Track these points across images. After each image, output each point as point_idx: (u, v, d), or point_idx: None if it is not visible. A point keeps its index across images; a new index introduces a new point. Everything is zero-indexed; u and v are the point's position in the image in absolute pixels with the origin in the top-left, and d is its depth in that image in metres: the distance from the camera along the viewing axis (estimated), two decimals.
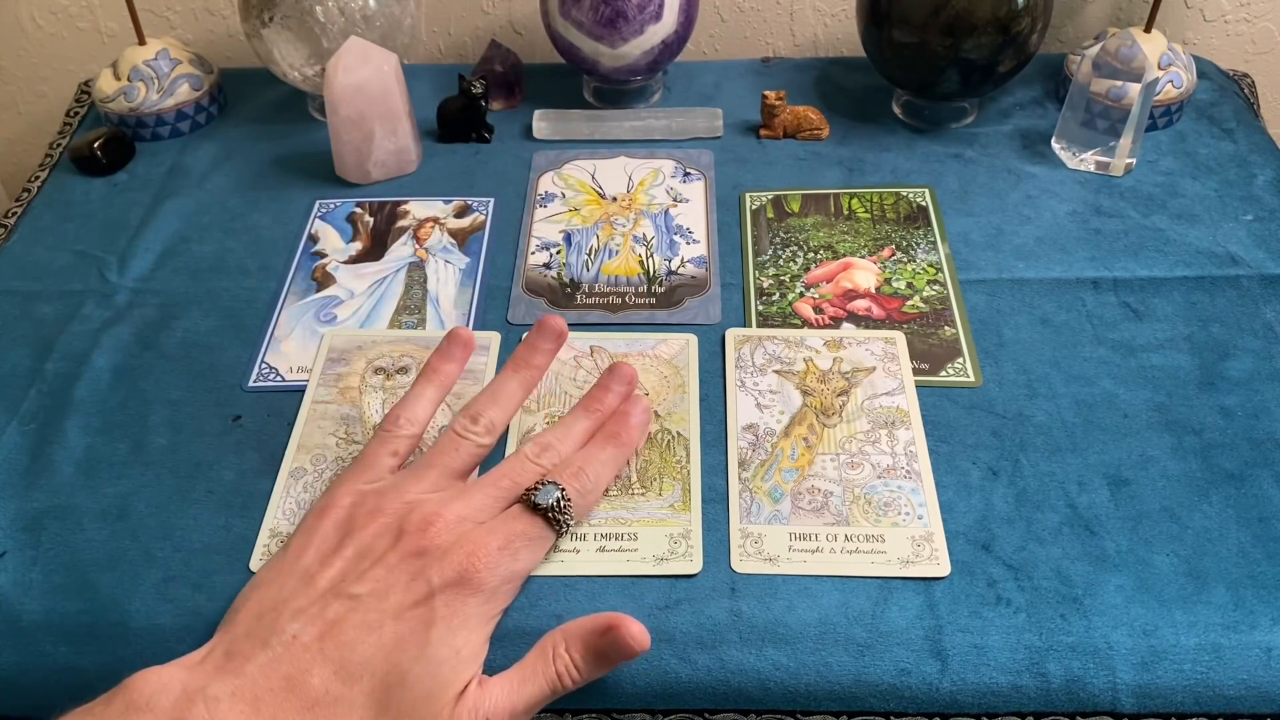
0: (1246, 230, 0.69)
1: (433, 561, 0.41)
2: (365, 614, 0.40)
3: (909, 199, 0.73)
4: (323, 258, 0.70)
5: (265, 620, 0.41)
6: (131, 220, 0.73)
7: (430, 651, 0.40)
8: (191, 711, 0.37)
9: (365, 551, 0.42)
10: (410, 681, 0.39)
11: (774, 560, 0.51)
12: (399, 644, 0.40)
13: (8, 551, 0.52)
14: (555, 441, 0.47)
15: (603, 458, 0.47)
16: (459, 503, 0.43)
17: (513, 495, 0.44)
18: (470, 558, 0.41)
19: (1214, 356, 0.61)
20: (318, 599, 0.41)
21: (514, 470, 0.45)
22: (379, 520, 0.43)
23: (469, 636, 0.41)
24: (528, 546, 0.43)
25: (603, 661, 0.43)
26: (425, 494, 0.44)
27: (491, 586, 0.42)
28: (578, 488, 0.45)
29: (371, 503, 0.44)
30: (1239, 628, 0.48)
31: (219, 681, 0.38)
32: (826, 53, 0.95)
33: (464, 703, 0.40)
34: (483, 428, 0.47)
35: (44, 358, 0.63)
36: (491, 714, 0.40)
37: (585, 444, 0.49)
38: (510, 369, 0.49)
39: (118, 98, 0.79)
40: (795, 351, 0.61)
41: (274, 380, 0.61)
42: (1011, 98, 0.83)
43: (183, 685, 0.38)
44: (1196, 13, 0.91)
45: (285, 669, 0.38)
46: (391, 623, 0.40)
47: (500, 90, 0.83)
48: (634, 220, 0.72)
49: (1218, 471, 0.55)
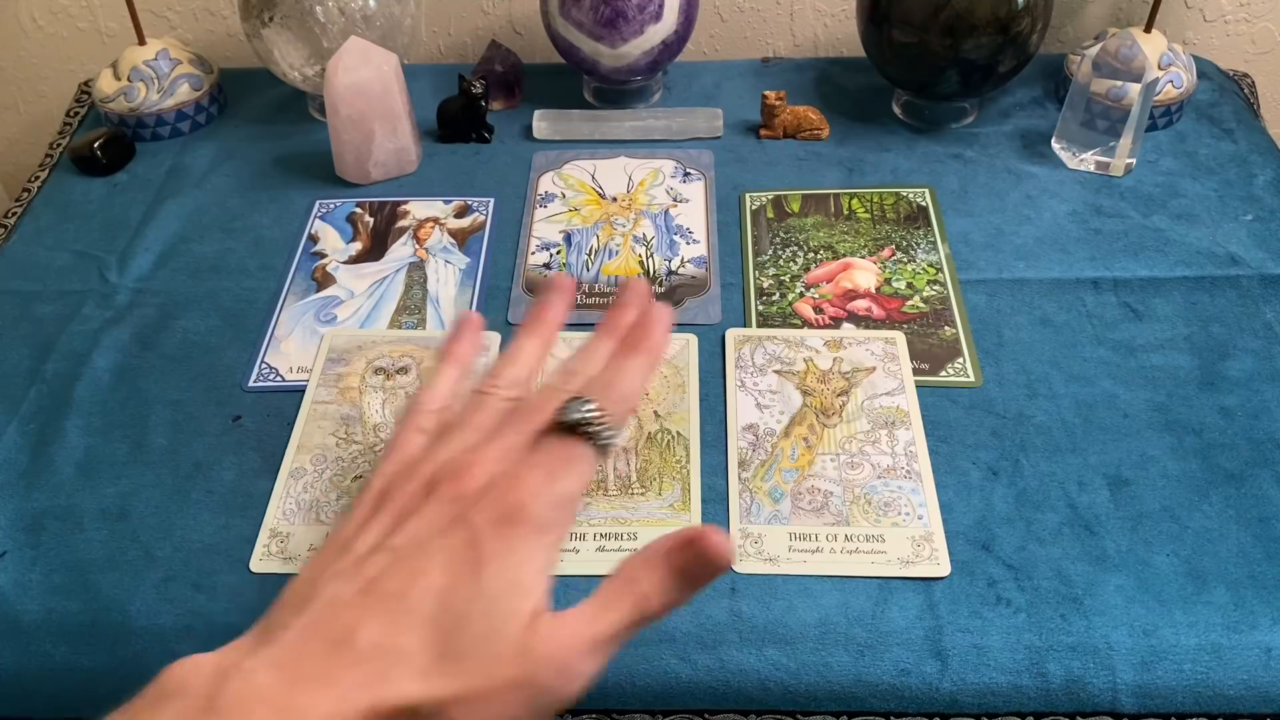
0: (1246, 230, 0.69)
1: (470, 504, 0.39)
2: (408, 563, 0.38)
3: (909, 199, 0.73)
4: (323, 258, 0.70)
5: (302, 591, 0.38)
6: (131, 220, 0.73)
7: (484, 588, 0.37)
8: (226, 687, 0.35)
9: (401, 512, 0.40)
10: (467, 622, 0.37)
11: (774, 560, 0.51)
12: (448, 587, 0.37)
13: (8, 551, 0.52)
14: (579, 367, 0.44)
15: (630, 366, 0.44)
16: (489, 447, 0.41)
17: (537, 428, 0.41)
18: (508, 491, 0.39)
19: (1214, 356, 0.61)
20: (355, 561, 0.38)
21: (540, 402, 0.42)
22: (413, 483, 0.41)
23: (524, 569, 0.38)
24: (567, 468, 0.40)
25: (689, 581, 0.39)
26: (456, 450, 0.42)
27: (539, 515, 0.39)
28: (608, 398, 0.42)
29: (405, 472, 0.42)
30: (1239, 628, 0.48)
31: (254, 654, 0.36)
32: (826, 53, 0.95)
33: (533, 635, 0.37)
34: (506, 382, 0.44)
35: (44, 358, 0.63)
36: (568, 643, 0.37)
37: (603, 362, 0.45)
38: (523, 330, 0.47)
39: (118, 98, 0.79)
40: (795, 351, 0.61)
41: (274, 380, 0.61)
42: (1011, 98, 0.83)
43: (215, 665, 0.36)
44: (1196, 13, 0.91)
45: (327, 630, 0.36)
46: (438, 568, 0.37)
47: (500, 90, 0.83)
48: (634, 220, 0.72)
49: (1218, 471, 0.55)
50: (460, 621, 0.37)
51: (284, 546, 0.52)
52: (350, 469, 0.56)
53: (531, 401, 0.42)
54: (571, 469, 0.40)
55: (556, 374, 0.44)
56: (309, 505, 0.54)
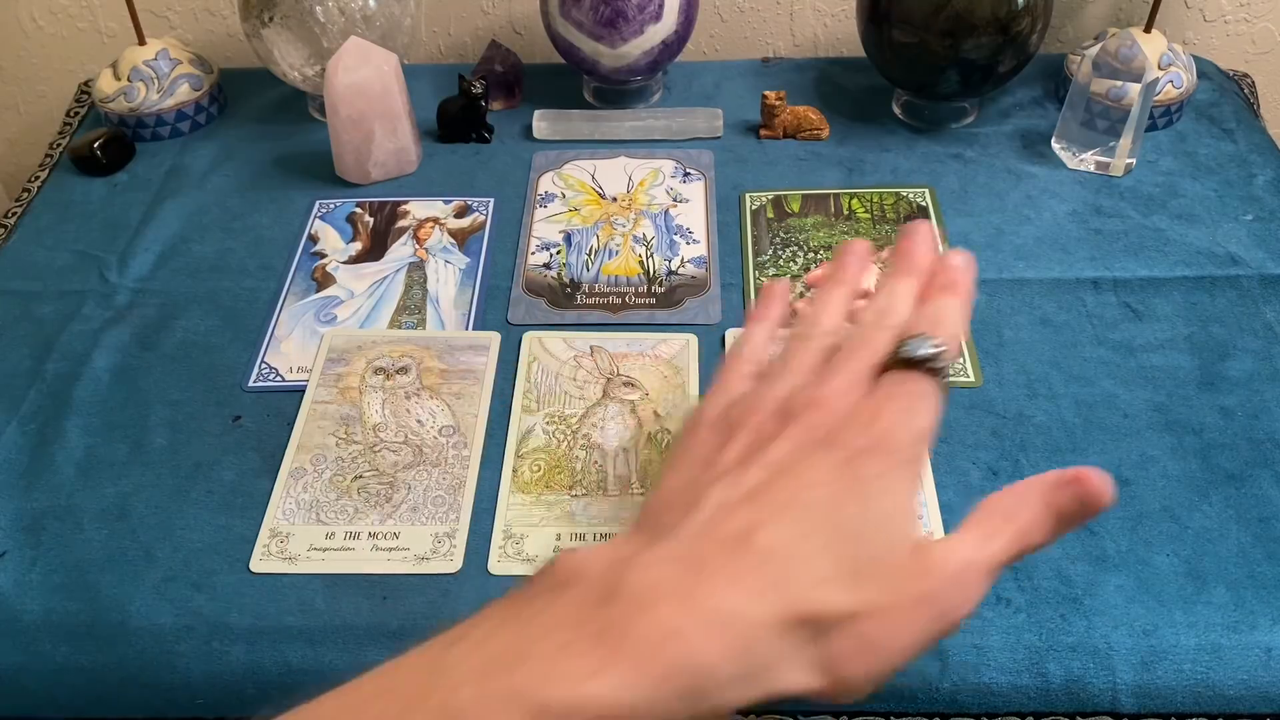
0: (1246, 230, 0.69)
1: (836, 432, 0.38)
2: (790, 478, 0.37)
3: (909, 199, 0.73)
4: (323, 258, 0.70)
5: (684, 493, 0.37)
6: (131, 220, 0.73)
7: (873, 505, 0.36)
8: (626, 576, 0.34)
9: (758, 436, 0.39)
10: (863, 539, 0.36)
11: None
12: (837, 501, 0.36)
13: (8, 551, 0.52)
14: (891, 306, 0.43)
15: (951, 305, 0.43)
16: (830, 384, 0.40)
17: (875, 363, 0.41)
18: (873, 422, 0.38)
19: (1214, 356, 0.61)
20: (730, 472, 0.38)
21: (867, 341, 0.41)
22: (758, 413, 0.40)
23: (903, 496, 0.37)
24: (922, 402, 0.39)
25: (1065, 520, 0.38)
26: (791, 386, 0.41)
27: (905, 447, 0.38)
28: (945, 335, 0.41)
29: (740, 404, 0.41)
30: (1239, 628, 0.48)
31: (650, 550, 0.35)
32: (826, 53, 0.95)
33: (928, 556, 0.36)
34: (820, 327, 0.44)
35: (44, 358, 0.63)
36: (963, 565, 0.36)
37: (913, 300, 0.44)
38: (827, 282, 0.47)
39: (118, 98, 0.79)
40: None
41: (274, 380, 0.61)
42: (1011, 98, 0.83)
43: (609, 557, 0.35)
44: (1196, 13, 0.91)
45: (724, 530, 0.35)
46: (821, 485, 0.36)
47: (500, 90, 0.83)
48: (634, 220, 0.72)
49: (1218, 471, 0.55)
50: (855, 537, 0.36)
51: (284, 546, 0.52)
52: (350, 469, 0.56)
53: (862, 337, 0.42)
54: (923, 404, 0.39)
55: (870, 313, 0.43)
56: (309, 505, 0.54)
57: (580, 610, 0.33)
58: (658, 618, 0.33)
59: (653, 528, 0.37)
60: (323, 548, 0.52)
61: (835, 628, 0.34)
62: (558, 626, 0.33)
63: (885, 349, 0.41)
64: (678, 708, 0.32)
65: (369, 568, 0.51)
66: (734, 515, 0.36)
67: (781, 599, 0.34)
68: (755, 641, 0.33)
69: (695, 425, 0.41)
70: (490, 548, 0.52)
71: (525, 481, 0.55)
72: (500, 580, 0.50)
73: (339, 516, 0.53)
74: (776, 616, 0.33)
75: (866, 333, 0.42)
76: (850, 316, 0.45)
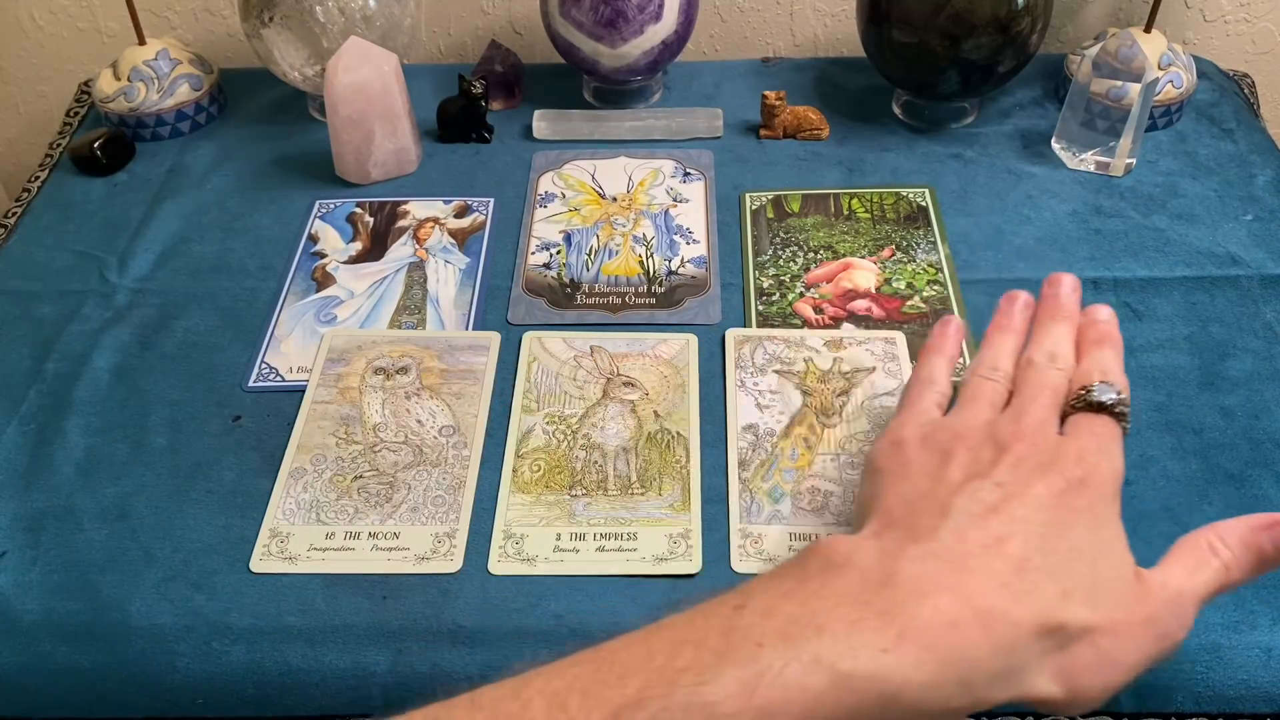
0: (1246, 230, 0.69)
1: (1049, 465, 0.41)
2: (1019, 500, 0.40)
3: (909, 199, 0.73)
4: (323, 258, 0.70)
5: (927, 501, 0.40)
6: (131, 220, 0.73)
7: (1095, 535, 0.39)
8: (901, 567, 0.37)
9: (974, 459, 0.42)
10: (1092, 561, 0.39)
11: (774, 560, 0.51)
12: (1067, 525, 0.39)
13: (8, 551, 0.52)
14: (1057, 349, 0.48)
15: (1113, 357, 0.47)
16: (1026, 418, 0.44)
17: (1058, 402, 0.45)
18: (1080, 459, 0.41)
19: (1214, 356, 0.61)
20: (963, 486, 0.41)
21: (1046, 382, 0.46)
22: (966, 439, 0.43)
23: (1117, 527, 0.41)
24: (1112, 444, 0.43)
25: (1265, 562, 0.41)
26: (985, 419, 0.45)
27: (1108, 482, 0.41)
28: (1120, 384, 0.45)
29: (944, 429, 0.44)
30: (1239, 628, 0.48)
31: (914, 545, 0.38)
32: (826, 53, 0.95)
33: (1148, 583, 0.39)
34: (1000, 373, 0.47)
35: (44, 358, 0.63)
36: (1179, 593, 0.39)
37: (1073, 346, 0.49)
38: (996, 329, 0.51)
39: (118, 98, 0.79)
40: (795, 352, 0.61)
41: (274, 380, 0.61)
42: (1011, 98, 0.83)
43: (876, 548, 0.38)
44: (1196, 13, 0.91)
45: (976, 536, 0.38)
46: (1048, 509, 0.39)
47: (500, 90, 0.83)
48: (634, 220, 0.72)
49: (1218, 471, 0.55)
50: (1088, 559, 0.38)
51: (284, 546, 0.52)
52: (350, 469, 0.56)
53: (1041, 378, 0.46)
54: (1115, 445, 0.43)
55: (1040, 354, 0.47)
56: (309, 505, 0.54)
57: (863, 590, 0.36)
58: (938, 606, 0.36)
59: (906, 528, 0.40)
60: (323, 548, 0.52)
61: (1076, 639, 0.37)
62: (843, 602, 0.36)
63: (1062, 393, 0.45)
64: (952, 694, 0.35)
65: (369, 568, 0.51)
66: (983, 524, 0.39)
67: (1036, 605, 0.36)
68: (1016, 642, 0.36)
69: (899, 443, 0.45)
70: (490, 548, 0.52)
71: (525, 481, 0.55)
72: (500, 580, 0.51)
73: (339, 516, 0.53)
74: (1034, 621, 0.36)
75: (1043, 374, 0.46)
76: None
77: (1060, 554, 0.38)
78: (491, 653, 0.48)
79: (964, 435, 0.43)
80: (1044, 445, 0.42)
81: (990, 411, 0.45)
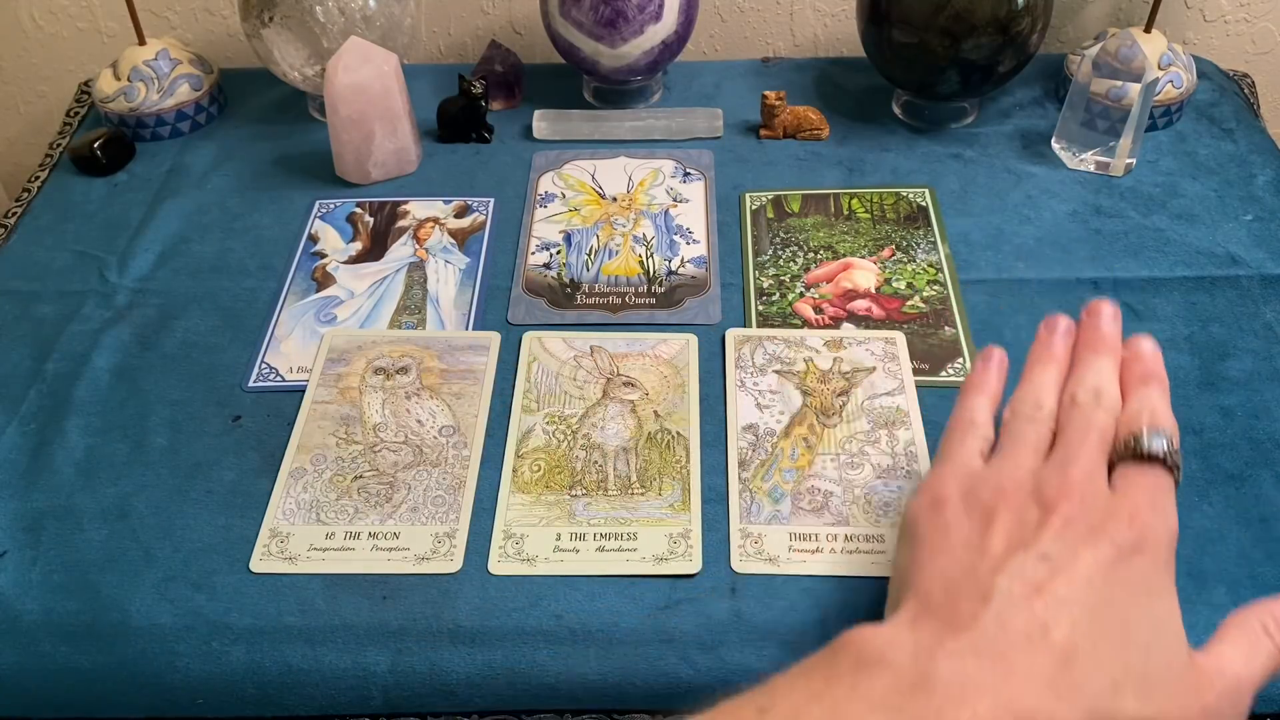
0: (1246, 230, 0.69)
1: (1099, 527, 0.39)
2: (1068, 574, 0.37)
3: (909, 199, 0.73)
4: (323, 258, 0.70)
5: (965, 583, 0.38)
6: (131, 220, 0.73)
7: (1151, 609, 0.37)
8: (936, 665, 0.35)
9: (1019, 522, 0.40)
10: (1148, 644, 0.37)
11: (774, 560, 0.51)
12: (1119, 603, 0.37)
13: (8, 551, 0.52)
14: (1102, 385, 0.45)
15: (1161, 397, 0.45)
16: (1073, 469, 0.41)
17: (1106, 448, 0.42)
18: (1133, 520, 0.39)
19: (1214, 356, 0.61)
20: (1006, 560, 0.38)
21: (1094, 425, 0.43)
22: (1009, 496, 0.41)
23: (1172, 598, 0.39)
24: (1166, 498, 0.41)
25: None
26: (1030, 469, 0.42)
27: (1163, 546, 0.39)
28: (1168, 427, 0.43)
29: (985, 484, 0.42)
30: None
31: (952, 638, 0.36)
32: (826, 53, 0.95)
33: (1204, 667, 0.37)
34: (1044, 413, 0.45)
35: (44, 358, 0.63)
36: (1235, 681, 0.37)
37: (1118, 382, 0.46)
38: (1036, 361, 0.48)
39: (118, 98, 0.79)
40: (795, 352, 0.61)
41: (274, 380, 0.61)
42: (1011, 98, 0.83)
43: (912, 641, 0.36)
44: (1196, 13, 0.91)
45: (1020, 623, 0.36)
46: (1100, 584, 0.37)
47: (500, 90, 0.83)
48: (634, 220, 0.72)
49: (1218, 471, 0.55)
50: (1141, 644, 0.37)
51: (284, 546, 0.52)
52: (350, 469, 0.56)
53: (1087, 421, 0.43)
54: (1168, 500, 0.41)
55: (1084, 392, 0.45)
56: (309, 505, 0.54)
57: (896, 694, 0.34)
58: (976, 712, 0.33)
59: (946, 615, 0.37)
60: (323, 548, 0.52)
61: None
62: (875, 709, 0.34)
63: (1109, 438, 0.43)
64: None
65: (369, 568, 0.51)
66: (1027, 610, 0.36)
67: (1083, 702, 0.34)
68: None
69: (939, 502, 0.42)
70: (490, 548, 0.52)
71: (525, 481, 0.55)
72: (500, 580, 0.51)
73: (339, 516, 0.53)
74: (1081, 719, 0.34)
75: (1089, 415, 0.43)
76: None
77: (1111, 638, 0.36)
78: (491, 653, 0.48)
79: (1008, 492, 0.41)
80: (1093, 504, 0.40)
81: (1034, 459, 0.43)
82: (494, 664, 0.48)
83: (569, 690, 0.48)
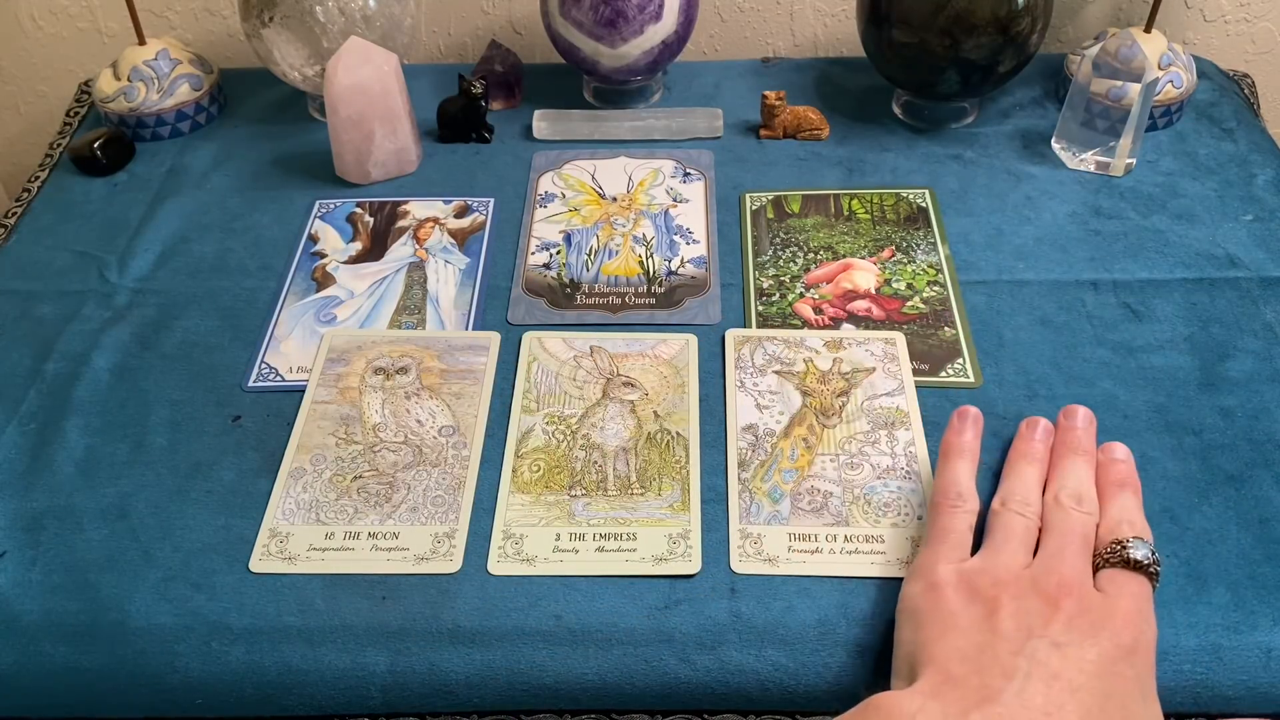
0: (1246, 231, 0.69)
1: (1099, 626, 0.42)
2: (1075, 663, 0.41)
3: (909, 200, 0.73)
4: (323, 258, 0.70)
5: (988, 658, 0.41)
6: (131, 220, 0.73)
7: (1146, 710, 0.41)
8: None
9: (1023, 610, 0.43)
10: None
11: (774, 561, 0.51)
12: (1119, 696, 0.40)
13: (8, 551, 0.52)
14: (1081, 489, 0.49)
15: (1135, 505, 0.49)
16: (1066, 568, 0.45)
17: (1089, 549, 0.46)
18: (1127, 625, 0.42)
19: (1214, 357, 0.61)
20: (1023, 643, 0.41)
21: (1075, 527, 0.47)
22: (1008, 586, 0.44)
23: (1157, 704, 0.42)
24: (1149, 608, 0.44)
25: None
26: (1021, 564, 0.46)
27: (1150, 652, 0.43)
28: (1146, 534, 0.47)
29: (984, 575, 0.45)
30: (1239, 628, 0.48)
31: (977, 709, 0.39)
32: (826, 53, 0.95)
33: None
34: (1032, 509, 0.49)
35: (44, 358, 0.63)
36: None
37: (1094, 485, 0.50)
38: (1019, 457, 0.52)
39: (118, 98, 0.79)
40: (795, 352, 0.61)
41: (274, 380, 0.61)
42: (1011, 98, 0.83)
43: (940, 711, 0.39)
44: (1196, 13, 0.91)
45: (1039, 702, 0.39)
46: (1105, 676, 0.40)
47: (500, 90, 0.83)
48: (634, 220, 0.72)
49: (1218, 472, 0.55)
50: None
51: (284, 546, 0.52)
52: (350, 469, 0.56)
53: (1069, 521, 0.47)
54: (1150, 606, 0.44)
55: (1066, 495, 0.49)
56: (309, 505, 0.54)
57: None
58: None
59: (972, 688, 0.40)
60: (322, 548, 0.52)
61: None
62: None
63: (1090, 540, 0.46)
64: None
65: (368, 568, 0.51)
66: (1045, 689, 0.40)
67: None
68: None
69: (936, 587, 0.45)
70: (490, 548, 0.52)
71: (525, 481, 0.55)
72: (500, 580, 0.51)
73: (339, 516, 0.53)
74: None
75: (1071, 518, 0.47)
76: None
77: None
78: (491, 653, 0.48)
79: (1006, 584, 0.44)
80: (1091, 604, 0.43)
81: (1025, 554, 0.46)
82: (493, 664, 0.48)
83: (568, 690, 0.48)
